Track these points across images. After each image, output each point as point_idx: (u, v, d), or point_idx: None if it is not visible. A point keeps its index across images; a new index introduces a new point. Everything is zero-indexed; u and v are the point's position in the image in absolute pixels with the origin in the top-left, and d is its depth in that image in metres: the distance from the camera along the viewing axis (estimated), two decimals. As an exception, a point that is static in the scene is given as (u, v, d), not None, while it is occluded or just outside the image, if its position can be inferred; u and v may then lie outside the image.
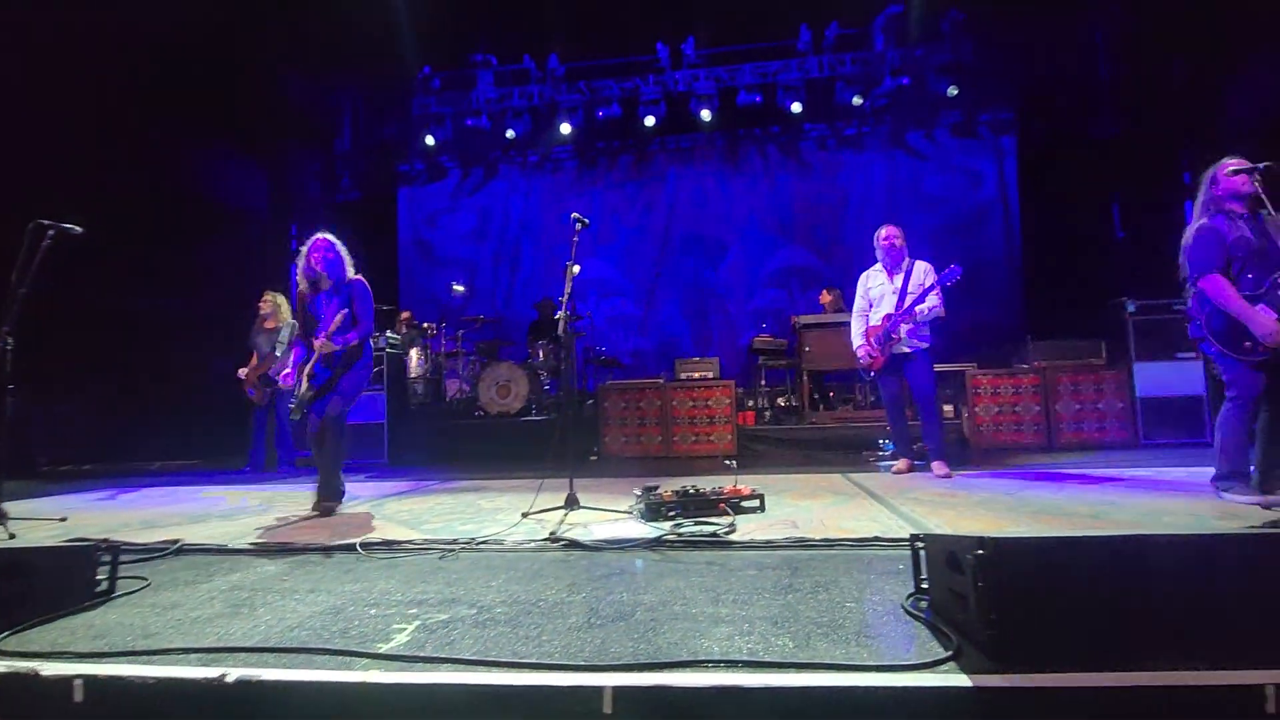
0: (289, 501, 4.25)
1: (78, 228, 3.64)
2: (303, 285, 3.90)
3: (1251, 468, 3.23)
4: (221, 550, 2.76)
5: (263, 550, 2.74)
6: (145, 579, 2.33)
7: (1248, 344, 3.11)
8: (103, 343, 7.59)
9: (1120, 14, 7.98)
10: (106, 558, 2.19)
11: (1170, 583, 1.42)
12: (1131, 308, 6.09)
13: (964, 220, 9.66)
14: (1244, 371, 3.18)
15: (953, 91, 9.00)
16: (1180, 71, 7.70)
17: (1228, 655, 1.32)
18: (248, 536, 3.01)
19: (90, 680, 1.53)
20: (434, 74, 10.01)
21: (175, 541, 2.80)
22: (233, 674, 1.48)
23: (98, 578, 2.15)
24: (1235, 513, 2.90)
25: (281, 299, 6.56)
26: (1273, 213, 3.09)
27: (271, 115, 9.24)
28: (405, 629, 1.75)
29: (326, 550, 2.69)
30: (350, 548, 2.67)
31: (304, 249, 3.84)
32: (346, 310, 3.76)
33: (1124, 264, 8.31)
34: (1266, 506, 2.95)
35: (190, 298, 8.37)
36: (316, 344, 3.75)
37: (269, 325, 6.43)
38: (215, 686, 1.47)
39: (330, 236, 3.88)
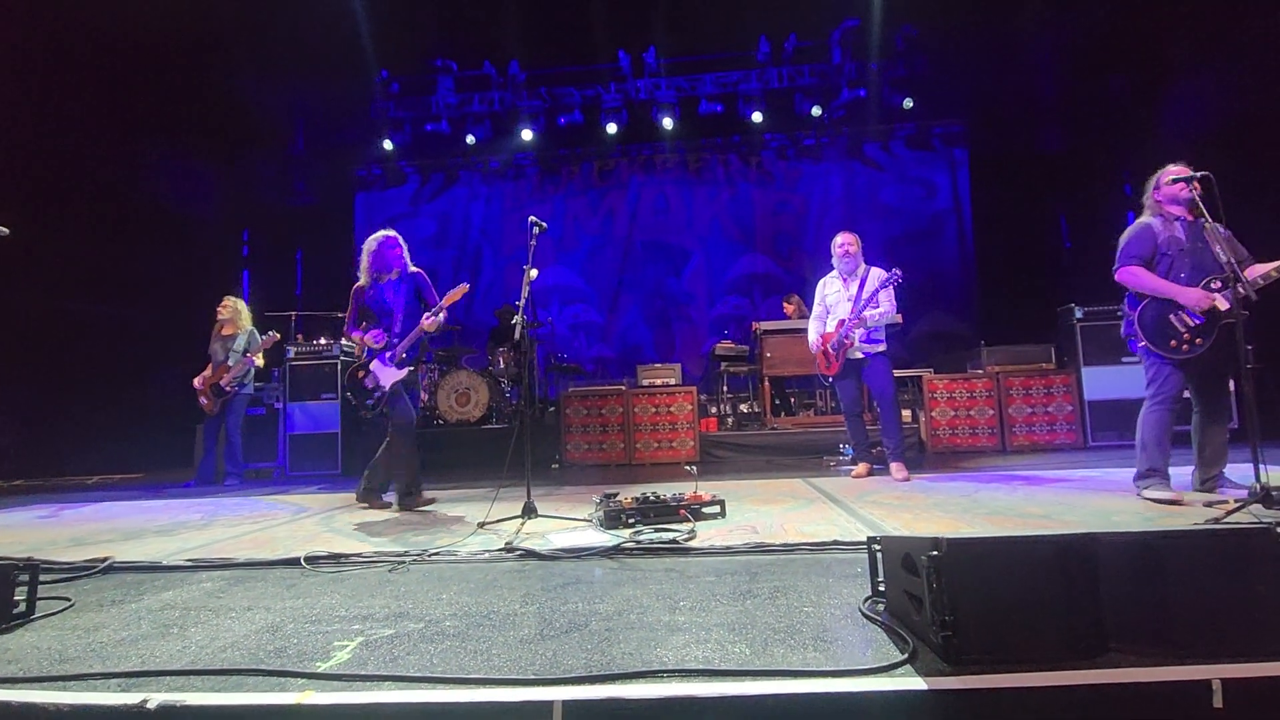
0: (234, 515, 4.07)
1: (4, 229, 3.44)
2: (364, 279, 4.03)
3: (1192, 470, 3.33)
4: (155, 567, 2.61)
5: (200, 566, 2.60)
6: (69, 599, 2.18)
7: (1173, 342, 3.22)
8: (39, 349, 7.23)
9: (1063, 33, 8.29)
10: (24, 577, 2.05)
11: (1120, 581, 1.43)
12: (1079, 314, 6.27)
13: (919, 230, 9.88)
14: (1165, 370, 3.29)
15: (907, 104, 9.23)
16: (1120, 88, 8.03)
17: (1176, 651, 1.34)
18: (186, 553, 2.86)
19: (3, 707, 1.42)
20: (392, 78, 9.85)
21: (105, 559, 2.64)
22: (155, 699, 1.38)
23: (15, 599, 2.01)
24: (1181, 512, 2.98)
25: (241, 305, 6.34)
26: (1210, 221, 3.20)
27: (223, 117, 8.95)
28: (347, 646, 1.66)
29: (269, 565, 2.57)
30: (294, 562, 2.56)
31: (373, 244, 4.01)
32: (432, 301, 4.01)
33: (1072, 272, 8.60)
34: (1208, 504, 3.04)
35: (134, 304, 8.03)
36: (427, 322, 3.88)
37: (226, 331, 6.20)
38: (135, 713, 1.37)
39: (394, 232, 4.11)
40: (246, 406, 6.36)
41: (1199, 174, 3.01)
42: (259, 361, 6.20)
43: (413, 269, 4.12)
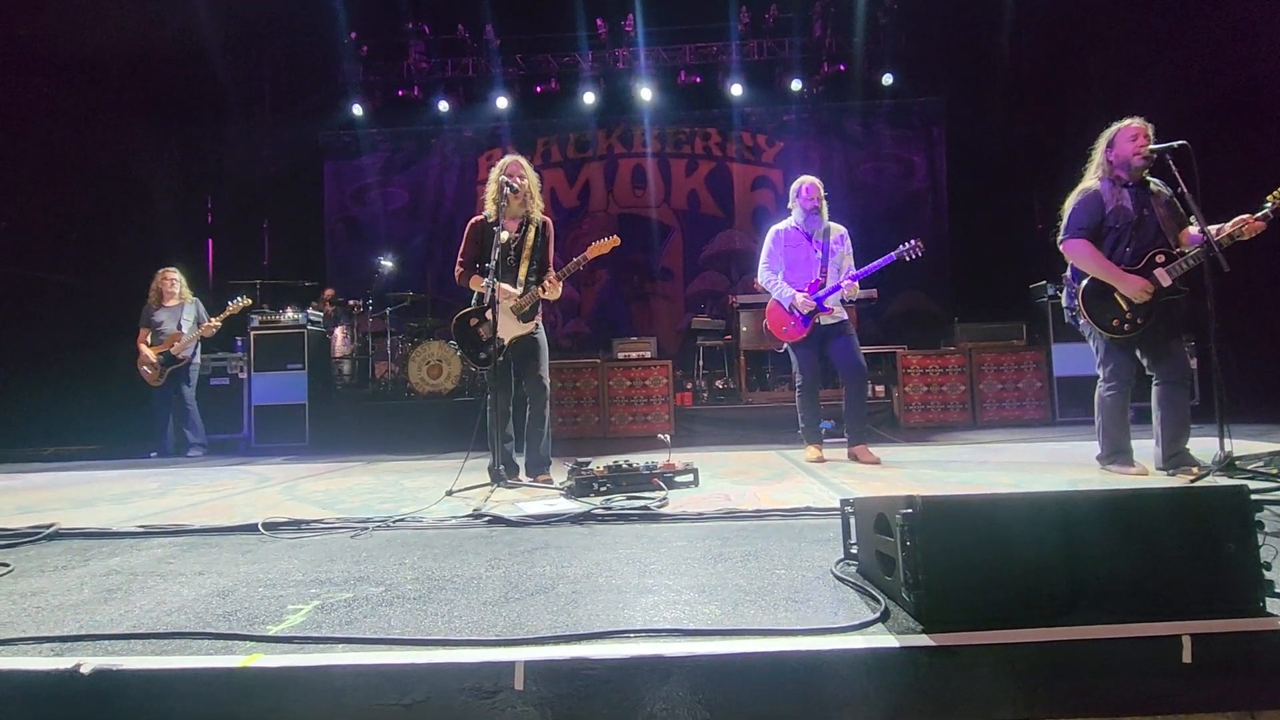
0: (194, 484, 3.94)
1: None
2: (491, 210, 3.60)
3: (1154, 445, 3.18)
4: (103, 534, 2.50)
5: (151, 532, 2.50)
6: (7, 565, 2.07)
7: (1115, 321, 3.10)
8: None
9: (1041, 12, 8.26)
10: (-43, 542, 1.94)
11: (1092, 539, 1.41)
12: (1050, 292, 6.34)
13: (896, 207, 9.86)
14: (1113, 352, 3.18)
15: (887, 80, 9.17)
16: (1094, 68, 8.04)
17: (1147, 608, 1.33)
18: (139, 520, 2.75)
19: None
20: (361, 40, 9.48)
21: (49, 525, 2.52)
22: (89, 664, 1.30)
23: (-54, 565, 1.90)
24: (1148, 482, 3.01)
25: (181, 276, 6.15)
26: (1163, 188, 3.11)
27: (184, 83, 8.58)
28: (301, 609, 1.59)
29: (225, 531, 2.47)
30: (252, 528, 2.46)
31: (504, 177, 3.67)
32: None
33: (1044, 251, 8.66)
34: (1172, 476, 3.07)
35: (92, 273, 7.74)
36: (552, 278, 3.54)
37: (171, 303, 6.01)
38: (68, 678, 1.29)
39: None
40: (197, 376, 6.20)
41: (1176, 143, 2.95)
42: (209, 332, 6.01)
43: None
